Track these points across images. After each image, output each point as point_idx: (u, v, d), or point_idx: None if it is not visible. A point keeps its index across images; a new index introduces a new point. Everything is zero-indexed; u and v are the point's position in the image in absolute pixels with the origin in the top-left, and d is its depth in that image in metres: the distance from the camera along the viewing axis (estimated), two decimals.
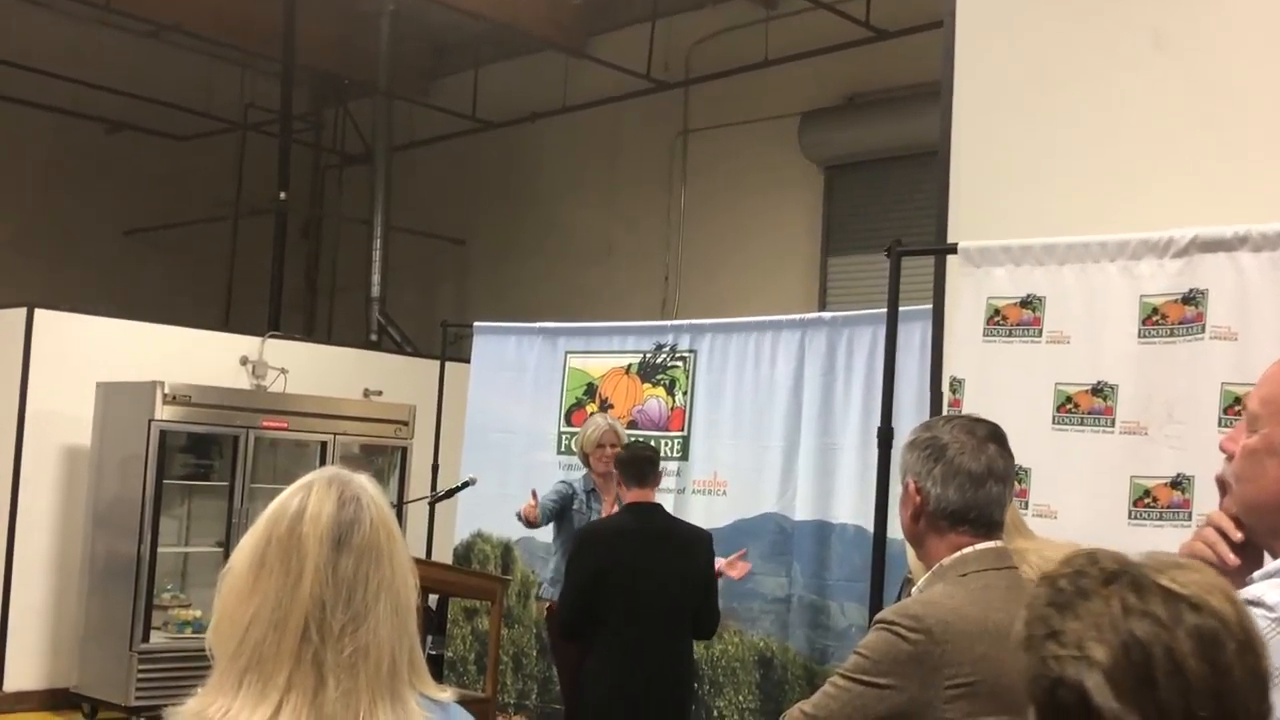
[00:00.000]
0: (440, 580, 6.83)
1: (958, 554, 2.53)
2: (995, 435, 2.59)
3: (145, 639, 8.09)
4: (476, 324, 8.61)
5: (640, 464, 5.64)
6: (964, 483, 2.52)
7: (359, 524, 1.82)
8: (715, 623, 5.78)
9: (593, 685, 5.52)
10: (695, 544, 5.69)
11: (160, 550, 8.23)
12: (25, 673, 8.58)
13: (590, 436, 6.60)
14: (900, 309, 5.18)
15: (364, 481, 1.89)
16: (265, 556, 1.79)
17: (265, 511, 1.85)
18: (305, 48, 12.17)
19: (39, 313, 8.73)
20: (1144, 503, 4.32)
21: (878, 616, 2.47)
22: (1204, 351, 4.25)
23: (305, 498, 1.83)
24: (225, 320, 12.71)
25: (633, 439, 6.67)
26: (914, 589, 2.63)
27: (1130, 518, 4.32)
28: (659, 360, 7.61)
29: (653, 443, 7.30)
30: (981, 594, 2.46)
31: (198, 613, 8.43)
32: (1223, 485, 2.10)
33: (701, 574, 5.66)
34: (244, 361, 9.61)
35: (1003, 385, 4.64)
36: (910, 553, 3.04)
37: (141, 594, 8.08)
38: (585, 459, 6.64)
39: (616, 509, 5.94)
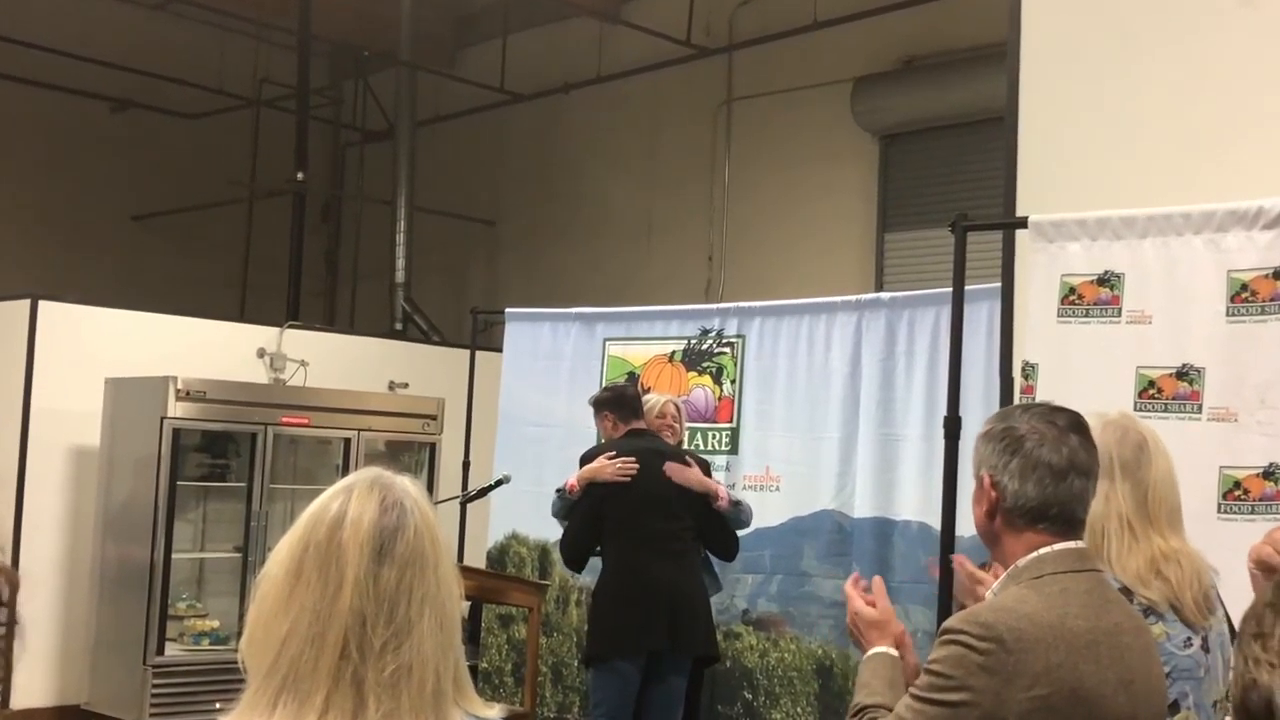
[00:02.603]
0: (473, 586, 6.85)
1: (1033, 555, 2.50)
2: (1077, 425, 2.56)
3: (160, 651, 8.13)
4: (508, 310, 8.62)
5: (630, 401, 6.48)
6: (1044, 477, 2.50)
7: (402, 531, 1.82)
8: (729, 539, 6.46)
9: (603, 596, 6.21)
10: (688, 459, 6.43)
11: (175, 556, 8.26)
12: (33, 689, 8.64)
13: (651, 406, 6.65)
14: (965, 288, 5.15)
15: (407, 484, 1.88)
16: (303, 565, 1.79)
17: (303, 515, 1.86)
18: (322, 18, 12.20)
19: (43, 304, 8.78)
20: (1235, 495, 4.30)
21: (944, 625, 2.44)
22: None
23: (345, 502, 1.83)
24: (241, 310, 12.78)
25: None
26: (987, 592, 2.61)
27: (1220, 511, 4.30)
28: (704, 346, 7.60)
29: (699, 436, 7.35)
30: (1059, 598, 2.43)
31: (215, 623, 8.47)
32: None
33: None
34: (261, 354, 9.65)
35: (1079, 370, 4.62)
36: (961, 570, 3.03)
37: (155, 603, 8.11)
38: None
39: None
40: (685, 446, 6.78)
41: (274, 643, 1.76)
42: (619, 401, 6.47)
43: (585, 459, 6.36)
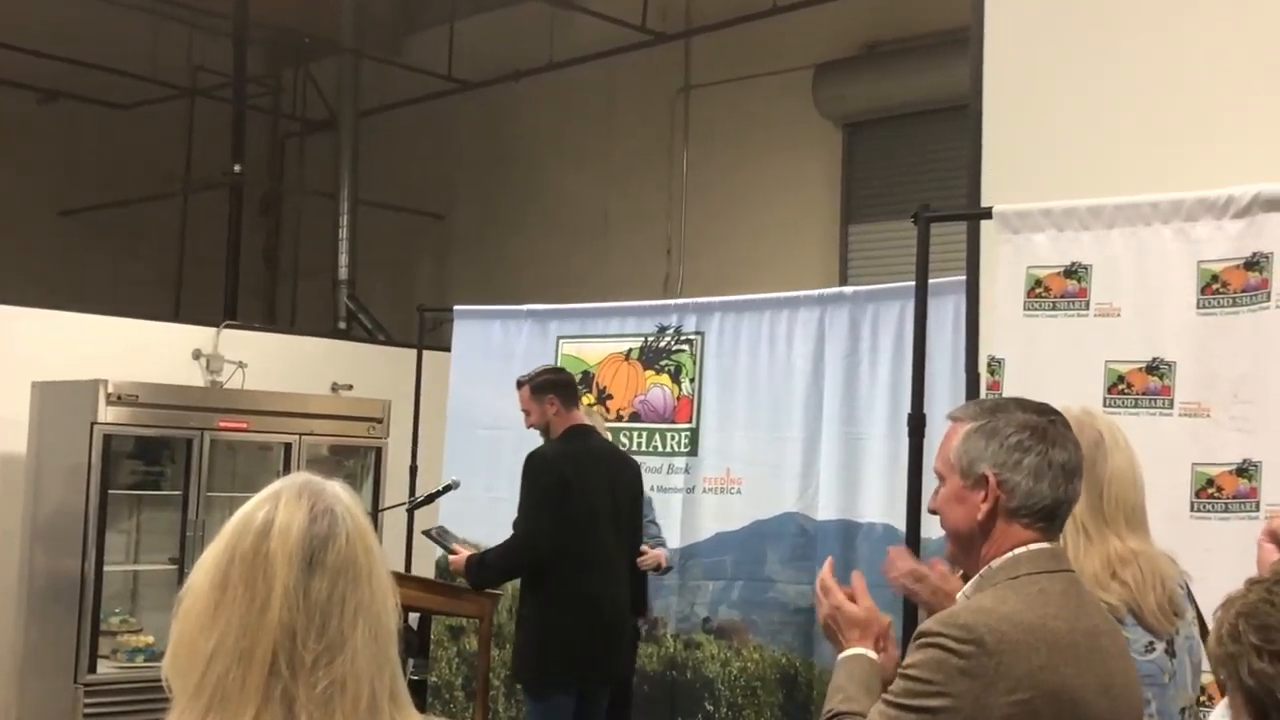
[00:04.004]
0: (421, 597, 6.83)
1: (1008, 555, 2.51)
2: (1068, 425, 2.60)
3: (91, 669, 8.05)
4: (457, 308, 8.62)
5: (574, 385, 6.38)
6: (1058, 477, 2.52)
7: (333, 539, 1.81)
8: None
9: (549, 619, 5.88)
10: (632, 466, 6.38)
11: (106, 569, 8.19)
12: None
13: None
14: (931, 281, 5.18)
15: (338, 490, 1.88)
16: (228, 577, 1.78)
17: (228, 524, 1.84)
18: (260, 2, 12.15)
19: None
20: (1207, 493, 4.33)
21: (920, 628, 2.43)
22: (1271, 322, 4.25)
23: (273, 509, 1.82)
24: (175, 309, 12.69)
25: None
26: (959, 595, 2.61)
27: (1193, 510, 4.33)
28: (662, 344, 7.61)
29: (657, 437, 7.37)
30: (1037, 599, 2.44)
31: (150, 639, 8.41)
32: None
33: (641, 496, 6.40)
34: (197, 355, 9.60)
35: (1047, 364, 4.65)
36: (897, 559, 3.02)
37: (86, 618, 8.03)
38: None
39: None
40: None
41: (199, 660, 1.75)
42: (567, 386, 6.25)
43: (539, 465, 5.99)
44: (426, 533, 6.75)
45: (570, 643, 5.86)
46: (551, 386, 6.15)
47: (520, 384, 6.27)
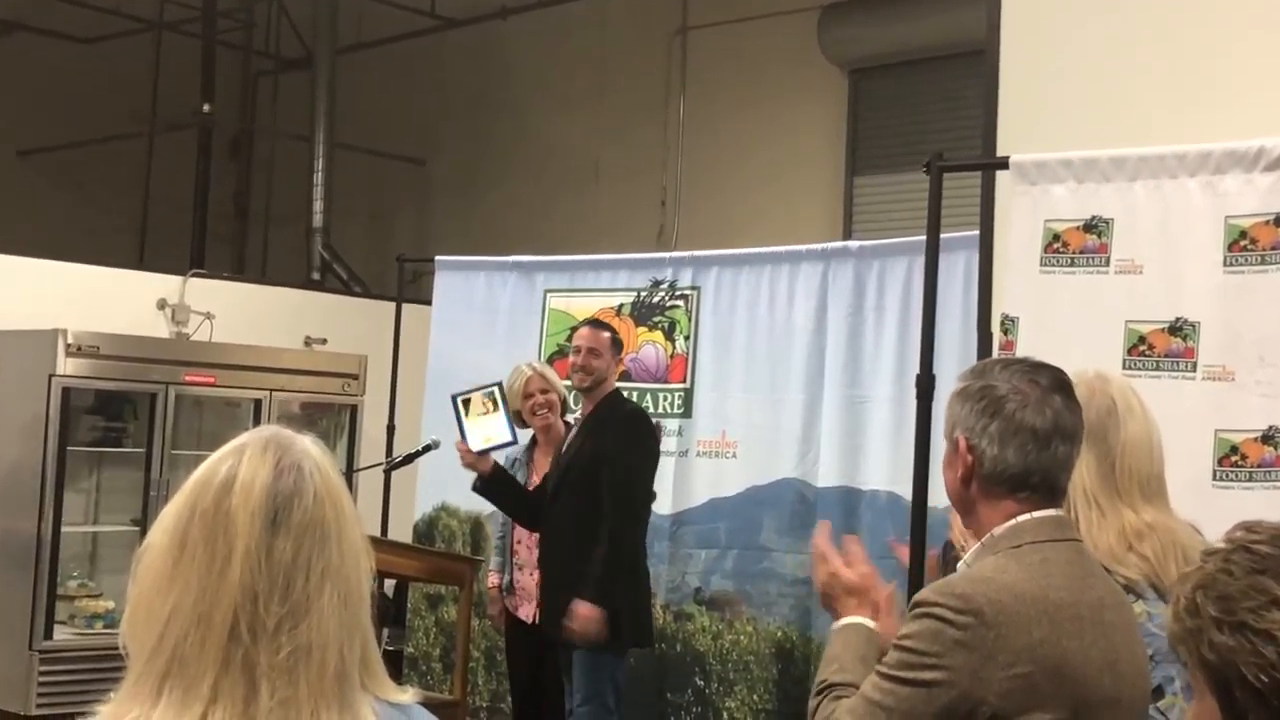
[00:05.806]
0: (398, 563, 6.84)
1: (1011, 523, 2.51)
2: (1061, 384, 2.57)
3: (48, 636, 8.07)
4: (438, 258, 8.59)
5: None
6: (1025, 442, 2.51)
7: (299, 496, 1.79)
8: None
9: (637, 576, 6.23)
10: None
11: (64, 530, 8.20)
12: None
13: (515, 389, 6.64)
14: (941, 236, 5.15)
15: (307, 445, 1.86)
16: (188, 535, 1.77)
17: (190, 478, 1.83)
18: None
19: None
20: (1231, 460, 4.33)
21: (916, 598, 2.44)
22: None
23: (236, 464, 1.80)
24: (139, 257, 12.66)
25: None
26: (960, 563, 2.61)
27: (1215, 478, 4.33)
28: (656, 299, 7.59)
29: (648, 398, 7.35)
30: (1040, 569, 2.44)
31: (109, 604, 8.41)
32: None
33: None
34: (162, 305, 9.59)
35: (1064, 324, 4.64)
36: (955, 521, 3.01)
37: (43, 582, 8.05)
38: (518, 417, 6.69)
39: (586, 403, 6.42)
40: (571, 414, 6.80)
41: (156, 623, 1.74)
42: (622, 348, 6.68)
43: (651, 428, 6.47)
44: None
45: (644, 605, 6.36)
46: (621, 348, 6.56)
47: (606, 327, 6.50)
